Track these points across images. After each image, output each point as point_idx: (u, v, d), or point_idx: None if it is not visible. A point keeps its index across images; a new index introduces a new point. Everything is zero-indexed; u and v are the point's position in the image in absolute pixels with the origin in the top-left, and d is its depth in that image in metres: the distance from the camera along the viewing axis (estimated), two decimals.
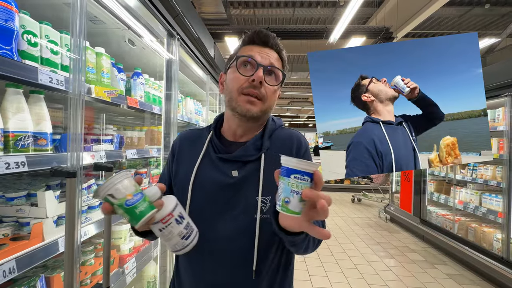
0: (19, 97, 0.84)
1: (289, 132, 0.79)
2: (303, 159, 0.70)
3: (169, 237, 0.56)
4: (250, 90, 0.68)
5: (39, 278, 0.95)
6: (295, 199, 0.48)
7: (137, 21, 1.31)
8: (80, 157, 0.90)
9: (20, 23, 0.83)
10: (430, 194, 4.22)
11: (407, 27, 5.71)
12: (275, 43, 0.73)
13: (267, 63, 0.69)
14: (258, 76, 0.67)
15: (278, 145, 0.75)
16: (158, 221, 0.54)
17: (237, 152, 0.71)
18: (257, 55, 0.70)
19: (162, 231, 0.55)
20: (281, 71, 0.71)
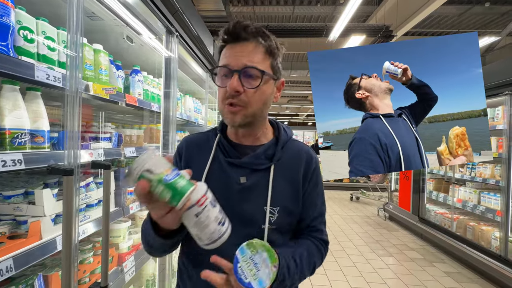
0: (15, 94, 0.82)
1: (300, 147, 0.78)
2: (313, 177, 0.73)
3: (206, 223, 0.50)
4: (229, 100, 0.65)
5: (37, 277, 0.94)
6: None
7: (135, 18, 1.30)
8: (77, 155, 0.89)
9: (16, 18, 0.82)
10: (429, 192, 4.23)
11: (407, 26, 5.69)
12: (248, 33, 0.65)
13: (241, 64, 0.64)
14: (230, 87, 0.63)
15: (287, 158, 0.73)
16: (194, 204, 0.49)
17: (247, 159, 0.70)
18: (230, 59, 0.65)
19: (198, 216, 0.49)
20: (257, 69, 0.64)
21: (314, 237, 0.76)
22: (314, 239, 0.75)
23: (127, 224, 1.46)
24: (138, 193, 0.48)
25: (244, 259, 0.52)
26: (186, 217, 0.50)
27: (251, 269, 0.51)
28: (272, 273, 0.51)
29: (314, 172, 0.75)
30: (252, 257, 0.52)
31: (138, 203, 1.49)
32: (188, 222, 0.51)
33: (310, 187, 0.74)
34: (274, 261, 0.51)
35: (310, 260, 0.70)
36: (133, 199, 1.46)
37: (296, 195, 0.72)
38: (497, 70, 2.96)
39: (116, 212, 1.31)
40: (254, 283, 0.50)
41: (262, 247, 0.52)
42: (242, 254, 0.52)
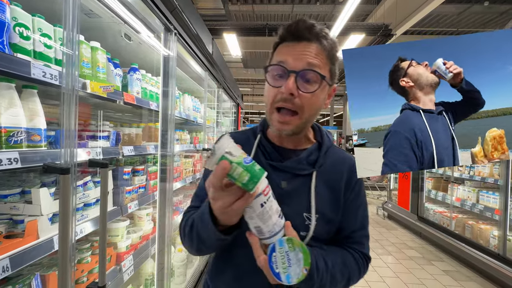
0: (11, 91, 0.81)
1: (344, 155, 0.75)
2: (355, 187, 0.71)
3: (270, 214, 0.52)
4: (281, 103, 0.61)
5: (34, 277, 0.94)
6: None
7: (133, 15, 1.28)
8: (74, 154, 0.88)
9: (11, 15, 0.81)
10: (428, 191, 4.24)
11: (406, 24, 5.69)
12: (313, 33, 0.61)
13: (301, 66, 0.59)
14: (287, 88, 0.58)
15: (330, 164, 0.71)
16: (260, 193, 0.50)
17: (290, 163, 0.68)
18: (289, 58, 0.60)
19: (263, 206, 0.51)
20: (317, 73, 0.60)
21: (352, 248, 0.72)
22: (352, 250, 0.72)
23: (126, 223, 1.45)
24: (218, 175, 0.47)
25: (280, 251, 0.52)
26: (252, 207, 0.51)
27: (284, 262, 0.52)
28: (301, 275, 0.51)
29: (358, 182, 0.72)
30: (288, 253, 0.52)
31: (136, 202, 1.48)
32: (252, 212, 0.51)
33: (351, 196, 0.71)
34: (307, 264, 0.52)
35: (344, 270, 0.66)
36: (131, 198, 1.45)
37: (336, 203, 0.69)
38: None
39: (114, 211, 1.30)
40: (282, 276, 0.51)
41: (300, 247, 0.52)
42: (280, 246, 0.52)
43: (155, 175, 1.73)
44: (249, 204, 0.51)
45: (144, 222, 1.68)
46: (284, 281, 0.50)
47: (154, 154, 1.73)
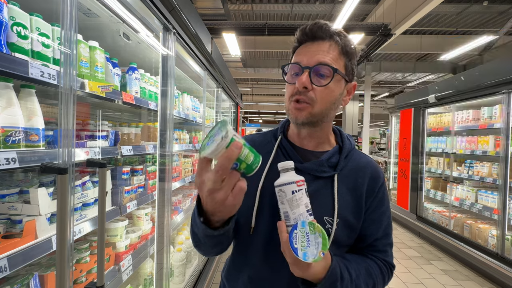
0: (9, 91, 0.81)
1: (366, 160, 0.74)
2: (379, 193, 0.72)
3: (298, 203, 0.56)
4: (297, 97, 0.64)
5: (33, 277, 0.93)
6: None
7: (132, 15, 1.28)
8: (72, 153, 0.88)
9: (9, 14, 0.80)
10: (427, 191, 4.25)
11: (406, 24, 5.69)
12: (325, 32, 0.64)
13: (314, 62, 0.63)
14: (299, 82, 0.63)
15: (351, 168, 0.70)
16: (293, 182, 0.57)
17: (310, 165, 0.68)
18: (303, 57, 0.65)
19: (294, 193, 0.56)
20: (329, 66, 0.63)
21: (376, 257, 0.71)
22: (376, 258, 0.71)
23: (124, 223, 1.45)
24: (232, 156, 0.45)
25: (301, 230, 0.54)
26: (284, 191, 0.57)
27: (303, 241, 0.54)
28: (317, 256, 0.53)
29: (381, 188, 0.71)
30: (308, 234, 0.54)
31: (135, 202, 1.48)
32: (283, 196, 0.57)
33: (375, 204, 0.70)
34: (325, 249, 0.53)
35: (369, 280, 0.66)
36: (130, 198, 1.45)
37: (358, 209, 0.68)
38: (494, 69, 2.96)
39: (113, 211, 1.30)
40: (299, 252, 0.53)
41: (321, 232, 0.54)
42: (302, 226, 0.55)
43: (154, 175, 1.73)
44: (281, 189, 0.57)
45: (143, 222, 1.68)
46: (301, 256, 0.53)
47: (153, 153, 1.73)
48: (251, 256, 0.69)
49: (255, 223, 0.66)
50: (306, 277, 0.58)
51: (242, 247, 0.71)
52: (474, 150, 3.33)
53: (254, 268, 0.68)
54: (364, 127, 9.23)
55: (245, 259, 0.70)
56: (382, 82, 12.33)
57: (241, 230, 0.70)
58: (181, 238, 2.38)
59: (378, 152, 12.48)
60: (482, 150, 3.22)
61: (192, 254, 2.50)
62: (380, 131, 18.99)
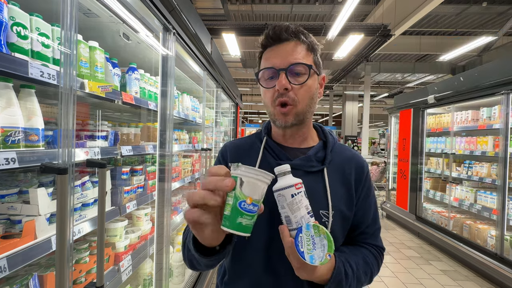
0: (8, 91, 0.81)
1: (350, 152, 0.77)
2: (366, 182, 0.74)
3: (298, 206, 0.56)
4: (280, 99, 0.65)
5: (32, 277, 0.93)
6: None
7: (131, 15, 1.28)
8: (71, 154, 0.88)
9: (9, 14, 0.80)
10: (426, 191, 4.26)
11: (405, 25, 5.70)
12: (289, 33, 0.66)
13: (287, 63, 0.65)
14: (280, 85, 0.64)
15: (338, 161, 0.72)
16: (292, 185, 0.56)
17: (299, 161, 0.69)
18: (275, 60, 0.66)
19: (294, 196, 0.56)
20: (303, 64, 0.65)
21: (368, 244, 0.74)
22: (369, 245, 0.74)
23: (124, 224, 1.45)
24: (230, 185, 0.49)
25: (306, 233, 0.54)
26: (284, 196, 0.57)
27: (309, 244, 0.54)
28: (324, 259, 0.53)
29: (367, 178, 0.74)
30: (313, 237, 0.54)
31: (135, 202, 1.48)
32: (283, 201, 0.57)
33: (363, 193, 0.73)
34: (331, 251, 0.53)
35: (367, 269, 0.69)
36: (130, 198, 1.45)
37: (349, 199, 0.71)
38: (493, 70, 2.97)
39: (112, 211, 1.30)
40: (306, 255, 0.53)
41: (325, 235, 0.54)
42: (306, 229, 0.55)
43: (154, 175, 1.73)
44: (280, 193, 0.57)
45: (143, 222, 1.68)
46: (308, 260, 0.53)
47: (153, 154, 1.73)
48: (251, 263, 0.68)
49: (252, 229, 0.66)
50: (312, 280, 0.58)
51: (241, 254, 0.70)
52: (473, 150, 3.34)
53: (255, 274, 0.67)
54: (364, 128, 9.23)
55: (245, 267, 0.69)
56: (382, 82, 12.35)
57: (237, 237, 0.69)
58: (181, 239, 2.38)
59: (381, 152, 12.37)
60: (481, 150, 3.22)
61: None
62: (380, 132, 19.00)
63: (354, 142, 11.10)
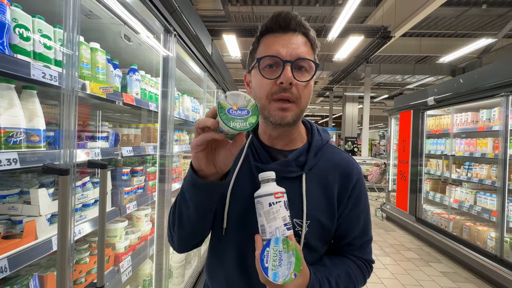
0: (10, 92, 0.81)
1: (339, 156, 0.69)
2: (354, 191, 0.67)
3: (275, 216, 0.55)
4: (281, 95, 0.59)
5: (32, 277, 0.94)
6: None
7: (133, 17, 1.29)
8: (73, 154, 0.88)
9: (11, 16, 0.81)
10: (426, 193, 4.26)
11: (405, 27, 5.72)
12: (298, 24, 0.61)
13: (295, 55, 0.59)
14: (286, 78, 0.57)
15: (323, 166, 0.66)
16: (271, 193, 0.55)
17: (275, 166, 0.64)
18: (280, 49, 0.59)
19: (271, 205, 0.55)
20: (312, 61, 0.61)
21: (355, 256, 0.69)
22: (355, 258, 0.69)
23: (124, 224, 1.45)
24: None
25: (274, 248, 0.52)
26: (262, 203, 0.56)
27: (275, 260, 0.52)
28: (288, 278, 0.51)
29: (356, 187, 0.67)
30: (280, 252, 0.52)
31: (135, 203, 1.48)
32: (261, 209, 0.56)
33: (350, 203, 0.67)
34: (297, 270, 0.51)
35: (349, 283, 0.64)
36: (130, 199, 1.45)
37: (330, 209, 0.65)
38: (493, 72, 2.98)
39: (112, 212, 1.30)
40: (269, 272, 0.51)
41: (294, 251, 0.52)
42: (275, 243, 0.53)
43: (154, 176, 1.73)
44: (259, 200, 0.56)
45: (143, 223, 1.68)
46: (270, 278, 0.51)
47: (153, 154, 1.73)
48: (224, 258, 0.67)
49: (227, 225, 0.65)
50: None
51: (216, 247, 0.69)
52: (473, 152, 3.34)
53: (228, 271, 0.67)
54: (364, 129, 9.24)
55: (219, 260, 0.69)
56: (382, 84, 12.37)
57: (215, 230, 0.69)
58: None
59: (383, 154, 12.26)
60: (481, 152, 3.23)
61: (191, 255, 2.50)
62: (380, 133, 19.00)
63: (354, 143, 11.10)
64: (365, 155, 9.32)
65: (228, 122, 0.47)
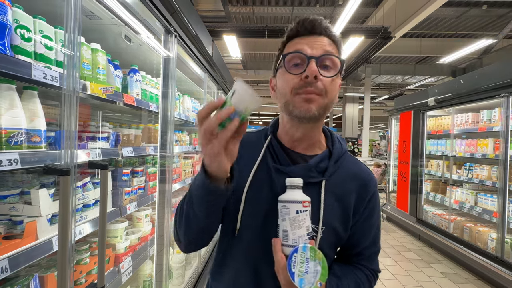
0: (11, 93, 0.82)
1: (358, 166, 0.70)
2: (369, 203, 0.68)
3: (300, 224, 0.54)
4: (305, 89, 0.59)
5: (33, 277, 0.94)
6: None
7: (133, 17, 1.29)
8: (74, 155, 0.88)
9: (13, 17, 0.81)
10: (427, 193, 4.25)
11: (405, 27, 5.72)
12: (324, 28, 0.61)
13: (320, 52, 0.59)
14: (311, 70, 0.57)
15: (341, 175, 0.66)
16: (300, 201, 0.55)
17: (298, 169, 0.64)
18: (305, 47, 0.60)
19: (298, 213, 0.54)
20: (337, 57, 0.61)
21: (364, 266, 0.70)
22: (363, 267, 0.70)
23: (124, 225, 1.46)
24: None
25: (301, 255, 0.52)
26: (288, 209, 0.55)
27: (302, 267, 0.51)
28: (314, 286, 0.50)
29: (372, 199, 0.68)
30: (308, 260, 0.52)
31: (135, 204, 1.48)
32: (286, 214, 0.55)
33: (364, 215, 0.68)
34: (323, 280, 0.51)
35: None
36: (130, 199, 1.46)
37: (345, 218, 0.66)
38: (494, 72, 2.98)
39: (113, 212, 1.30)
40: (296, 277, 0.51)
41: (321, 261, 0.52)
42: (303, 250, 0.52)
43: (154, 176, 1.73)
44: (285, 207, 0.55)
45: (143, 223, 1.68)
46: (297, 283, 0.50)
47: (154, 155, 1.73)
48: (234, 258, 0.67)
49: (242, 229, 0.64)
50: None
51: (226, 247, 0.69)
52: (474, 153, 3.34)
53: (236, 271, 0.67)
54: (364, 130, 9.23)
55: (229, 260, 0.68)
56: (382, 84, 12.36)
57: (226, 230, 0.68)
58: None
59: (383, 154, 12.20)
60: (481, 153, 3.22)
61: (191, 256, 2.50)
62: (380, 134, 18.99)
63: (355, 144, 11.10)
64: (365, 155, 9.31)
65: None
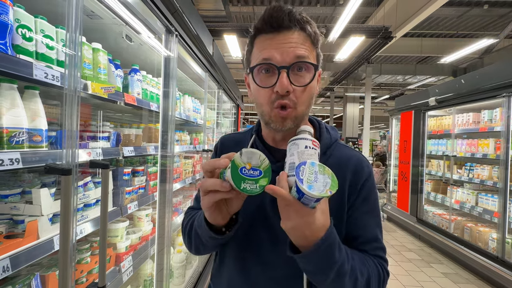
0: (13, 92, 0.82)
1: (350, 154, 0.66)
2: (362, 190, 0.63)
3: (308, 158, 0.53)
4: (279, 102, 0.57)
5: (34, 277, 0.94)
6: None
7: (134, 17, 1.29)
8: (75, 154, 0.88)
9: (14, 17, 0.81)
10: (427, 193, 4.25)
11: (406, 27, 5.71)
12: (293, 20, 0.56)
13: (291, 58, 0.55)
14: (283, 86, 0.55)
15: (332, 165, 0.59)
16: (310, 139, 0.54)
17: (280, 165, 0.60)
18: (274, 54, 0.56)
19: (307, 148, 0.53)
20: (309, 63, 0.57)
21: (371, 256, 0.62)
22: (372, 256, 0.62)
23: (125, 224, 1.46)
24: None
25: (309, 168, 0.48)
26: (297, 144, 0.54)
27: (310, 177, 0.47)
28: (324, 192, 0.46)
29: (366, 184, 0.63)
30: (316, 173, 0.48)
31: (136, 203, 1.48)
32: (295, 148, 0.55)
33: (358, 201, 0.63)
34: (333, 189, 0.46)
35: (363, 267, 0.57)
36: (131, 199, 1.46)
37: (340, 208, 0.62)
38: (495, 72, 2.97)
39: (114, 212, 1.31)
40: (305, 184, 0.46)
41: (331, 175, 0.48)
42: (311, 165, 0.48)
43: (155, 176, 1.73)
44: (296, 142, 0.54)
45: (144, 223, 1.69)
46: (305, 188, 0.45)
47: (154, 155, 1.74)
48: (227, 260, 0.68)
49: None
50: (299, 229, 0.49)
51: (225, 253, 0.70)
52: (475, 153, 3.33)
53: (230, 272, 0.67)
54: (365, 129, 9.23)
55: (225, 260, 0.69)
56: (383, 84, 12.35)
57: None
58: (182, 240, 2.38)
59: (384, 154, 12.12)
60: (482, 153, 3.22)
61: (192, 256, 2.50)
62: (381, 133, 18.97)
63: (355, 144, 11.09)
64: (365, 155, 9.30)
65: (239, 183, 0.49)
